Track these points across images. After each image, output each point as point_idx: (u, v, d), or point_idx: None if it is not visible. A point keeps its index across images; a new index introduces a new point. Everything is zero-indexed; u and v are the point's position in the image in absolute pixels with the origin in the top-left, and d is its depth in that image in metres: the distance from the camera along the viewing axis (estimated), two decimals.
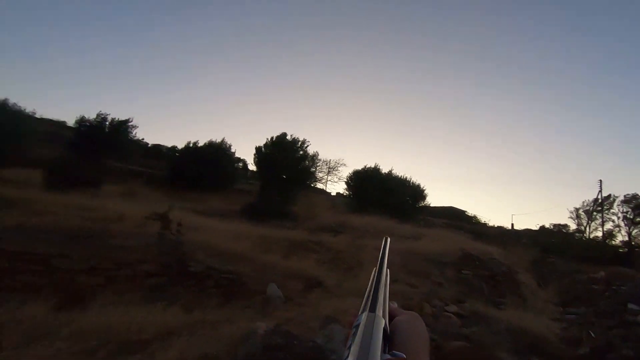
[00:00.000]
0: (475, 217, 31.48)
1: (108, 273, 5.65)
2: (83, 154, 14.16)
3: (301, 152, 16.45)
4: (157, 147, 31.00)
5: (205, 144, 18.47)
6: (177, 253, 5.88)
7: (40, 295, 4.77)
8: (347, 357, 0.35)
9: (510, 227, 28.75)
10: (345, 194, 20.83)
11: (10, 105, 13.71)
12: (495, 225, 30.34)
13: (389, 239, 0.69)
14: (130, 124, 15.70)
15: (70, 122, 17.80)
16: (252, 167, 21.44)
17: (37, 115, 17.94)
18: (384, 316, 0.44)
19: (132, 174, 18.68)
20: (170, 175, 18.07)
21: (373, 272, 0.58)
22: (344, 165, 23.50)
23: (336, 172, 23.30)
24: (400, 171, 21.46)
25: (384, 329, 0.42)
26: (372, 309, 0.44)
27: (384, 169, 19.97)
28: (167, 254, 5.95)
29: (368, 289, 0.53)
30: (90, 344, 3.48)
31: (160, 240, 5.78)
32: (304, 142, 16.67)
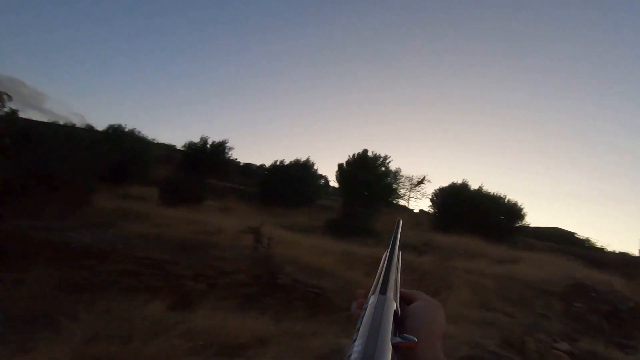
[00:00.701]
0: (587, 240, 27.00)
1: (210, 280, 6.30)
2: (189, 173, 16.24)
3: (383, 169, 16.33)
4: (248, 166, 33.85)
5: (290, 162, 19.59)
6: (267, 265, 6.28)
7: (158, 295, 5.55)
8: (356, 339, 0.34)
9: (637, 254, 23.93)
10: (429, 212, 19.88)
11: (136, 133, 16.53)
12: (616, 251, 25.54)
13: (401, 221, 0.68)
14: (226, 145, 17.59)
15: (179, 145, 20.70)
16: (333, 183, 21.96)
17: (154, 140, 21.23)
18: (395, 299, 0.44)
19: (227, 191, 20.69)
20: (260, 191, 19.51)
21: (384, 255, 0.57)
22: (428, 181, 22.54)
23: (420, 189, 22.45)
24: (492, 188, 19.71)
25: (395, 312, 0.41)
26: (383, 291, 0.43)
27: (474, 185, 18.60)
28: (259, 265, 6.40)
29: (379, 272, 0.52)
30: (198, 343, 3.91)
31: (253, 253, 6.26)
32: (385, 158, 16.55)
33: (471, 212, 16.71)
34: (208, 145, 17.11)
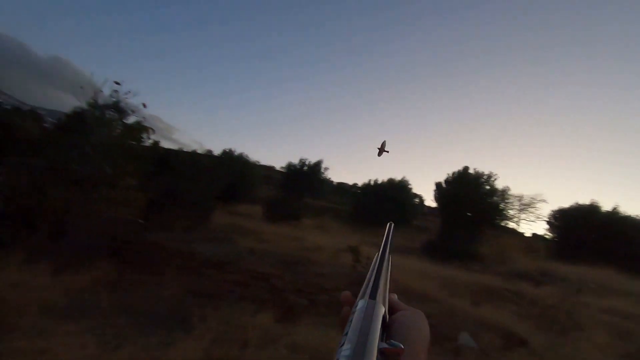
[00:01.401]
0: None
1: (311, 296, 6.53)
2: (289, 192, 17.40)
3: (487, 187, 14.93)
4: (341, 185, 34.59)
5: (384, 181, 19.40)
6: None
7: (265, 307, 5.97)
8: (344, 343, 0.34)
9: None
10: (546, 236, 17.28)
11: (244, 156, 18.50)
12: None
13: (392, 225, 0.66)
14: (322, 165, 18.42)
15: (278, 166, 22.41)
16: (428, 202, 20.87)
17: (258, 162, 23.43)
18: (384, 304, 0.43)
19: (322, 210, 21.45)
20: (353, 211, 19.70)
21: (374, 258, 0.55)
22: (543, 201, 19.70)
23: (532, 210, 19.75)
24: (632, 210, 16.23)
25: (384, 317, 0.41)
26: (373, 295, 0.42)
27: (605, 207, 15.61)
28: (358, 284, 6.38)
29: (368, 275, 0.51)
30: (302, 357, 4.05)
31: (351, 271, 6.30)
32: (490, 176, 15.12)
33: (603, 239, 13.98)
34: (306, 166, 18.17)
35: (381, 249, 0.59)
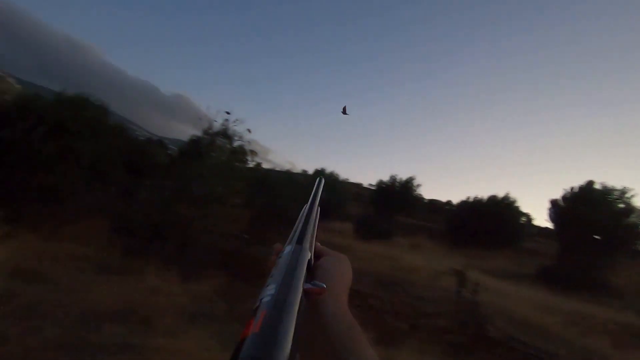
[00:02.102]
0: None
1: (410, 320, 6.21)
2: (379, 210, 17.15)
3: (621, 206, 12.43)
4: (433, 202, 32.78)
5: (484, 198, 17.73)
6: (473, 314, 5.68)
7: (364, 327, 5.88)
8: (269, 284, 0.33)
9: None
10: None
11: (334, 174, 18.97)
12: None
13: (323, 179, 0.69)
14: (413, 182, 17.74)
15: (365, 183, 22.31)
16: (538, 222, 18.32)
17: (347, 180, 23.74)
18: (310, 250, 0.44)
19: (414, 228, 20.53)
20: (449, 229, 18.37)
21: (303, 209, 0.57)
22: None
23: None
24: None
25: (308, 261, 0.41)
26: (299, 241, 0.43)
27: None
28: (463, 312, 5.86)
29: (296, 224, 0.52)
30: None
31: (456, 297, 5.82)
32: (623, 191, 12.58)
33: None
34: (397, 183, 17.76)
35: (310, 200, 0.61)
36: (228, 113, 9.92)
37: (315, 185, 0.70)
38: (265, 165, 12.15)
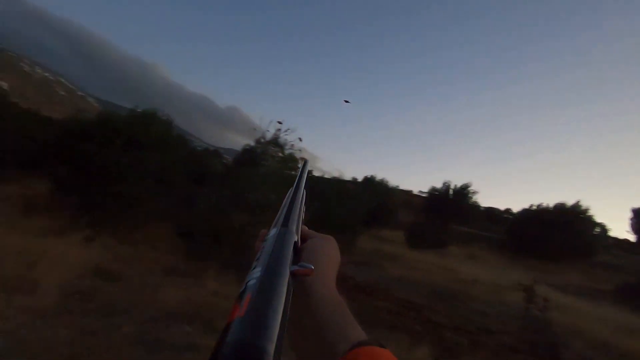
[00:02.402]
0: None
1: (472, 336, 5.84)
2: (432, 218, 16.50)
3: None
4: (490, 210, 30.83)
5: (550, 206, 16.30)
6: (544, 333, 5.20)
7: (420, 341, 5.63)
8: (255, 267, 0.33)
9: None
10: None
11: (384, 182, 18.65)
12: None
13: (308, 161, 0.70)
14: (469, 189, 16.82)
15: (416, 191, 21.56)
16: (614, 233, 16.33)
17: (397, 187, 23.19)
18: (296, 233, 0.43)
19: (470, 237, 19.43)
20: (510, 240, 17.14)
21: (289, 191, 0.57)
22: None
23: None
24: None
25: (295, 244, 0.41)
26: (285, 224, 0.42)
27: None
28: (532, 331, 5.39)
29: (282, 207, 0.51)
30: None
31: (524, 314, 5.37)
32: None
33: None
34: (451, 190, 16.97)
35: (295, 183, 0.60)
36: (280, 122, 10.23)
37: (300, 169, 0.69)
38: (314, 173, 12.29)
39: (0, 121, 10.50)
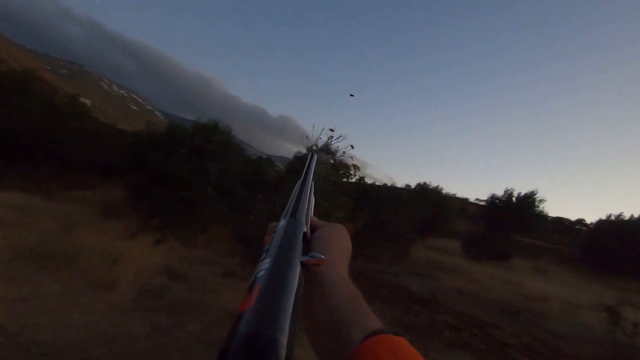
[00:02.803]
0: None
1: (541, 357, 5.32)
2: (492, 227, 15.43)
3: None
4: (560, 221, 28.13)
5: (635, 216, 14.42)
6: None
7: (481, 358, 5.25)
8: (264, 259, 0.33)
9: None
10: None
11: (439, 189, 17.88)
12: None
13: (315, 155, 0.68)
14: (535, 197, 15.46)
15: (472, 198, 20.34)
16: None
17: (453, 195, 22.11)
18: (305, 224, 0.43)
19: (536, 249, 17.85)
20: (584, 253, 15.44)
21: (297, 184, 0.56)
22: None
23: None
24: None
25: (304, 234, 0.40)
26: (293, 215, 0.42)
27: None
28: (617, 357, 4.77)
29: (290, 199, 0.50)
30: None
31: (608, 338, 4.77)
32: None
33: None
34: (514, 198, 15.76)
35: (303, 175, 0.58)
36: (332, 130, 10.31)
37: (308, 161, 0.67)
38: (367, 180, 12.17)
39: (84, 134, 11.86)
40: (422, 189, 16.59)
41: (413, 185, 17.68)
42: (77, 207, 7.54)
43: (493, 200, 16.60)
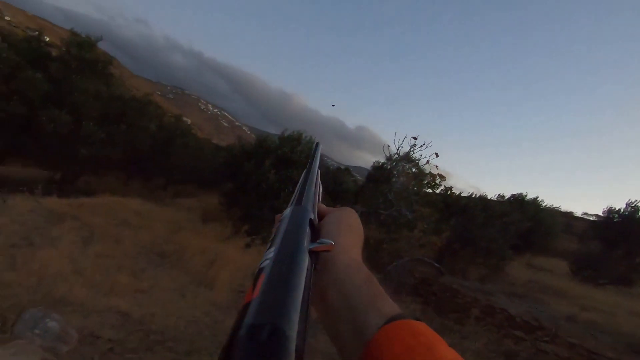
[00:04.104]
0: None
1: None
2: (610, 246, 13.10)
3: None
4: None
5: None
6: None
7: None
8: (269, 247, 0.31)
9: None
10: None
11: (538, 201, 15.88)
12: None
13: (320, 145, 0.67)
14: None
15: (578, 212, 17.50)
16: None
17: (556, 208, 19.45)
18: (313, 211, 0.41)
19: None
20: None
21: (303, 172, 0.53)
22: None
23: None
24: None
25: (311, 221, 0.38)
26: (298, 202, 0.41)
27: None
28: None
29: (297, 188, 0.48)
30: None
31: None
32: None
33: None
34: (639, 213, 13.17)
35: (309, 164, 0.55)
36: (415, 138, 9.94)
37: (313, 151, 0.65)
38: (454, 190, 11.39)
39: (186, 149, 13.44)
40: (517, 200, 14.91)
41: (508, 195, 16.02)
42: (182, 213, 8.50)
43: (610, 214, 14.11)
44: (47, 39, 9.30)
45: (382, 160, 11.30)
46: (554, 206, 18.50)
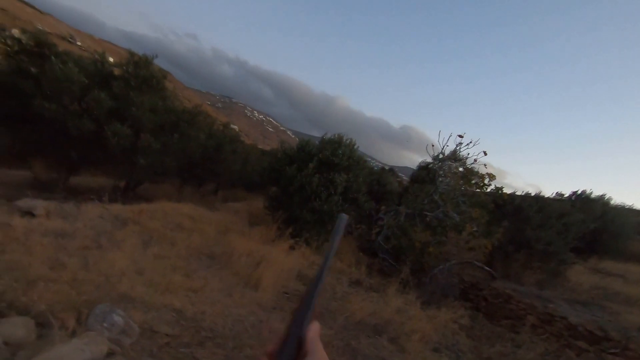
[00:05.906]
0: None
1: None
2: None
3: None
4: None
5: None
6: None
7: None
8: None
9: None
10: None
11: (605, 199, 14.44)
12: None
13: (345, 218, 0.64)
14: None
15: None
16: None
17: (630, 207, 17.48)
18: (304, 326, 0.48)
19: None
20: None
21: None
22: None
23: None
24: None
25: (299, 338, 0.47)
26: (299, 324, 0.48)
27: None
28: None
29: (303, 299, 0.51)
30: None
31: None
32: None
33: None
34: None
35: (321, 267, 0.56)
36: (461, 136, 9.55)
37: (337, 225, 0.61)
38: (505, 190, 10.71)
39: (234, 155, 14.09)
40: (580, 198, 13.67)
41: (568, 193, 14.73)
42: (230, 216, 8.94)
43: None
44: (111, 59, 10.28)
45: (428, 159, 10.98)
46: (626, 204, 16.61)
